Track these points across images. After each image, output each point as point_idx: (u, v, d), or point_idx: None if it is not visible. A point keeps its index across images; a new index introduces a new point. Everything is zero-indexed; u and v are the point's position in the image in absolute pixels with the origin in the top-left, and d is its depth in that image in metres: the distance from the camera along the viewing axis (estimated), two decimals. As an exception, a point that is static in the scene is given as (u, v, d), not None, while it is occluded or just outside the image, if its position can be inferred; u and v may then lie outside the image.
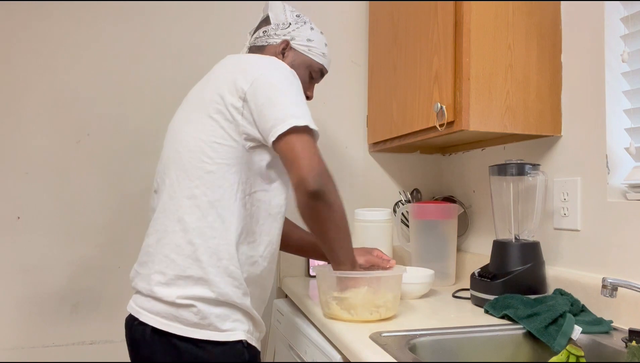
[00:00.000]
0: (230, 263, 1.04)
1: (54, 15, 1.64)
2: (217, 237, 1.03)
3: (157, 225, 1.10)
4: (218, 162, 1.05)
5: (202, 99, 1.11)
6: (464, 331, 1.06)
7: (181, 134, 1.12)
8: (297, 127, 1.01)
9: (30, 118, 1.62)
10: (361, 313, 1.10)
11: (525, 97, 1.31)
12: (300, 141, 1.00)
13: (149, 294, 1.05)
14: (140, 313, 1.05)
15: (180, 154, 1.09)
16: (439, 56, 1.36)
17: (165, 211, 1.09)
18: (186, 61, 1.74)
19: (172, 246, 1.05)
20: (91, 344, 1.63)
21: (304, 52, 1.28)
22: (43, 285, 1.60)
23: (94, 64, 1.67)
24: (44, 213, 1.61)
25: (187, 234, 1.04)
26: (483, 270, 1.32)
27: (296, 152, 1.00)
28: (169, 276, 1.03)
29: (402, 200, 1.82)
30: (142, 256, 1.12)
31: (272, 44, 1.27)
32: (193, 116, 1.11)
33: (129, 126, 1.69)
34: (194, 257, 1.03)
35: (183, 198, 1.06)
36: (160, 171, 1.16)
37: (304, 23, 1.30)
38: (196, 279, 1.02)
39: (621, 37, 1.21)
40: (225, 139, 1.05)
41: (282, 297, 1.70)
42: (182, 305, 1.01)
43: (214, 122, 1.06)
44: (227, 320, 1.03)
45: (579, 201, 1.26)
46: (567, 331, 1.03)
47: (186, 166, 1.07)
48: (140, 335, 1.06)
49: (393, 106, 1.63)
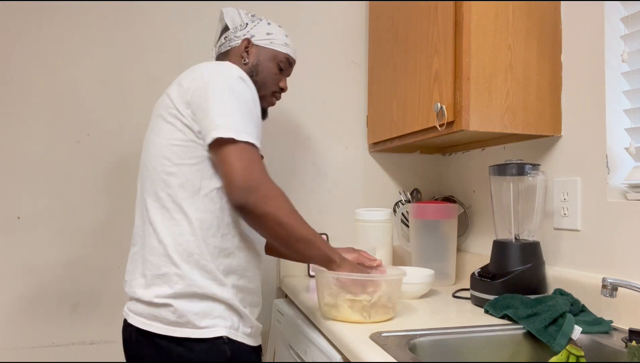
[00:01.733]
0: (201, 257, 1.07)
1: (54, 16, 1.64)
2: (185, 234, 1.07)
3: (137, 232, 1.15)
4: (177, 163, 1.09)
5: (161, 105, 1.16)
6: (464, 331, 1.06)
7: (148, 141, 1.17)
8: (221, 139, 1.03)
9: (30, 118, 1.62)
10: (374, 315, 1.10)
11: (525, 97, 1.31)
12: (223, 153, 1.03)
13: (132, 297, 1.11)
14: (128, 315, 1.11)
15: (145, 160, 1.16)
16: (439, 56, 1.36)
17: (141, 217, 1.14)
18: (186, 61, 1.74)
19: (149, 249, 1.09)
20: (91, 344, 1.63)
21: (266, 45, 1.31)
22: (43, 285, 1.60)
23: (94, 64, 1.67)
24: (44, 213, 1.61)
25: (158, 235, 1.08)
26: (483, 270, 1.32)
27: (221, 165, 1.04)
28: (148, 277, 1.08)
29: (402, 200, 1.82)
30: (128, 264, 1.17)
31: (234, 46, 1.32)
32: (156, 124, 1.15)
33: (129, 126, 1.69)
34: (166, 255, 1.07)
35: (151, 202, 1.11)
36: (138, 179, 1.22)
37: (260, 20, 1.34)
38: (171, 275, 1.06)
39: (621, 37, 1.21)
40: (183, 140, 1.09)
41: (282, 297, 1.70)
42: (159, 304, 1.05)
43: (170, 126, 1.11)
44: (207, 317, 1.06)
45: (579, 201, 1.26)
46: (567, 331, 1.03)
47: (150, 172, 1.13)
48: (128, 335, 1.11)
49: (393, 106, 1.64)
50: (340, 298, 1.10)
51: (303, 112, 1.83)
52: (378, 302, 1.10)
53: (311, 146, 1.84)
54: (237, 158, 1.02)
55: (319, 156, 1.84)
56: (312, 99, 1.84)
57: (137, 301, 1.09)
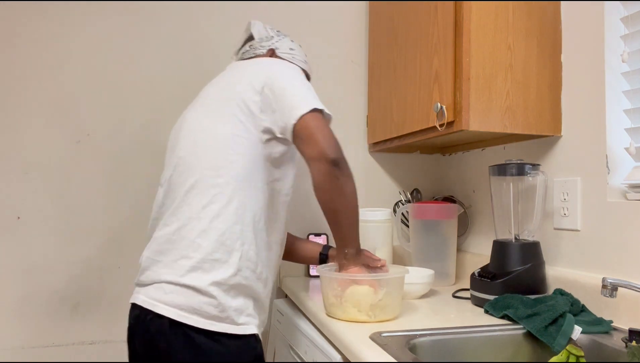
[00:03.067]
0: (250, 248, 1.10)
1: (54, 15, 1.64)
2: (240, 223, 1.10)
3: (178, 214, 1.12)
4: (239, 152, 1.12)
5: (221, 97, 1.19)
6: (464, 331, 1.06)
7: (201, 131, 1.17)
8: (315, 110, 1.11)
9: (30, 118, 1.62)
10: (379, 314, 1.10)
11: (525, 97, 1.31)
12: (317, 121, 1.10)
13: (175, 282, 1.06)
14: (157, 305, 1.06)
15: (201, 147, 1.15)
16: (439, 56, 1.36)
17: (187, 200, 1.12)
18: (186, 61, 1.74)
19: (198, 232, 1.09)
20: (91, 344, 1.63)
21: (289, 59, 1.37)
22: (43, 285, 1.60)
23: (94, 64, 1.67)
24: (44, 213, 1.61)
25: (213, 220, 1.09)
26: (483, 270, 1.32)
27: (314, 129, 1.09)
28: (196, 259, 1.07)
29: (402, 200, 1.82)
30: (162, 244, 1.12)
31: (258, 54, 1.36)
32: (212, 113, 1.18)
33: (129, 126, 1.69)
34: (220, 241, 1.08)
35: (208, 188, 1.11)
36: (173, 165, 1.19)
37: (284, 36, 1.41)
38: (222, 262, 1.07)
39: (621, 37, 1.21)
40: (244, 132, 1.13)
41: (282, 297, 1.70)
42: (207, 294, 1.04)
43: (233, 117, 1.14)
44: (242, 313, 1.08)
45: (579, 201, 1.26)
46: (567, 331, 1.03)
47: (209, 159, 1.13)
48: (156, 327, 1.06)
49: (393, 106, 1.63)
50: (344, 298, 1.11)
51: (303, 112, 1.83)
52: (383, 301, 1.10)
53: (311, 146, 1.83)
54: (328, 127, 1.12)
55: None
56: (312, 99, 1.83)
57: (179, 285, 1.05)
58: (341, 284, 1.11)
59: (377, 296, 1.10)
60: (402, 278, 1.14)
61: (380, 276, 1.13)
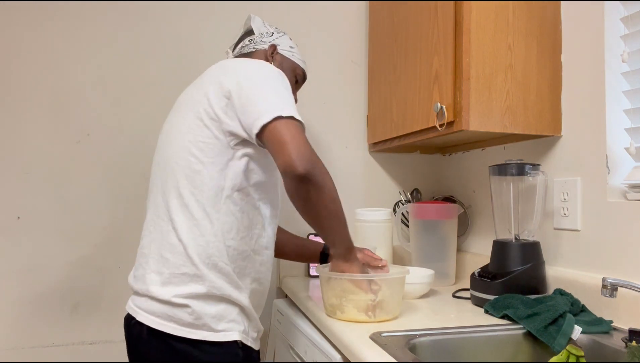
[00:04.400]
0: (219, 259, 1.06)
1: (54, 16, 1.64)
2: (206, 234, 1.05)
3: (150, 227, 1.13)
4: (203, 161, 1.07)
5: (190, 101, 1.14)
6: (464, 331, 1.06)
7: (171, 136, 1.14)
8: (281, 117, 1.01)
9: (30, 118, 1.62)
10: (379, 314, 1.10)
11: (525, 97, 1.31)
12: (285, 128, 1.00)
13: (145, 294, 1.07)
14: (138, 312, 1.07)
15: (168, 155, 1.12)
16: (439, 56, 1.36)
17: (157, 212, 1.12)
18: (186, 62, 1.74)
19: (167, 246, 1.07)
20: (91, 344, 1.63)
21: (289, 56, 1.37)
22: (43, 285, 1.60)
23: (94, 64, 1.67)
24: (44, 213, 1.61)
25: (178, 233, 1.06)
26: (483, 270, 1.32)
27: (282, 138, 1.00)
28: (165, 275, 1.05)
29: (402, 200, 1.82)
30: (138, 258, 1.14)
31: (259, 49, 1.35)
32: (181, 117, 1.13)
33: (129, 126, 1.69)
34: (186, 255, 1.05)
35: (172, 198, 1.08)
36: (153, 173, 1.19)
37: (283, 33, 1.40)
38: (190, 276, 1.04)
39: (621, 37, 1.21)
40: (210, 138, 1.07)
41: (282, 297, 1.70)
42: (177, 304, 1.03)
43: (199, 122, 1.08)
44: (222, 320, 1.05)
45: (579, 201, 1.26)
46: (567, 331, 1.03)
47: (173, 167, 1.10)
48: (137, 334, 1.08)
49: (393, 106, 1.63)
50: (345, 298, 1.10)
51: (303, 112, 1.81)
52: (383, 301, 1.10)
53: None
54: (298, 134, 1.01)
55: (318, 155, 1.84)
56: (312, 99, 1.83)
57: (151, 298, 1.06)
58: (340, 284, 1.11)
59: (376, 296, 1.09)
60: (402, 278, 1.14)
61: (379, 276, 1.13)
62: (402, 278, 1.14)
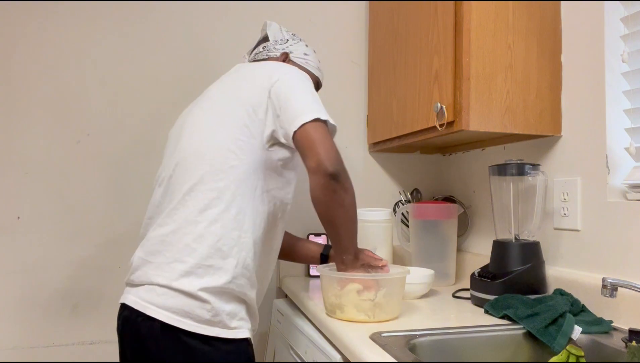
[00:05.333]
0: (247, 255, 1.09)
1: (54, 15, 1.64)
2: (238, 229, 1.08)
3: (174, 215, 1.10)
4: (241, 158, 1.10)
5: (226, 98, 1.17)
6: (464, 331, 1.06)
7: (203, 132, 1.16)
8: (318, 119, 1.08)
9: (30, 118, 1.62)
10: (379, 314, 1.10)
11: (525, 97, 1.31)
12: (318, 131, 1.07)
13: (166, 285, 1.04)
14: (148, 307, 1.04)
15: (203, 150, 1.13)
16: (439, 56, 1.36)
17: (185, 203, 1.10)
18: (186, 61, 1.74)
19: (194, 236, 1.06)
20: (91, 344, 1.63)
21: (302, 64, 1.36)
22: (43, 285, 1.60)
23: (94, 64, 1.67)
24: (44, 213, 1.61)
25: (211, 225, 1.07)
26: (483, 270, 1.32)
27: (315, 140, 1.06)
28: (189, 264, 1.05)
29: (402, 200, 1.82)
30: (155, 245, 1.10)
31: (272, 57, 1.35)
32: (216, 114, 1.16)
33: (129, 126, 1.69)
34: (216, 247, 1.06)
35: (207, 191, 1.09)
36: (173, 166, 1.17)
37: (299, 40, 1.40)
38: (216, 268, 1.05)
39: (621, 37, 1.21)
40: (248, 136, 1.11)
41: (282, 297, 1.70)
42: (199, 298, 1.03)
43: (238, 121, 1.12)
44: (235, 317, 1.07)
45: (579, 201, 1.26)
46: (567, 331, 1.03)
47: (210, 161, 1.11)
48: (146, 330, 1.04)
49: (393, 106, 1.63)
50: (344, 298, 1.11)
51: (303, 112, 1.83)
52: (382, 301, 1.10)
53: (311, 146, 1.83)
54: (330, 137, 1.09)
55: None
56: (312, 99, 1.83)
57: (171, 289, 1.03)
58: (340, 284, 1.11)
59: (375, 296, 1.10)
60: (402, 278, 1.14)
61: (379, 276, 1.13)
62: (401, 279, 1.14)
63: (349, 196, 1.09)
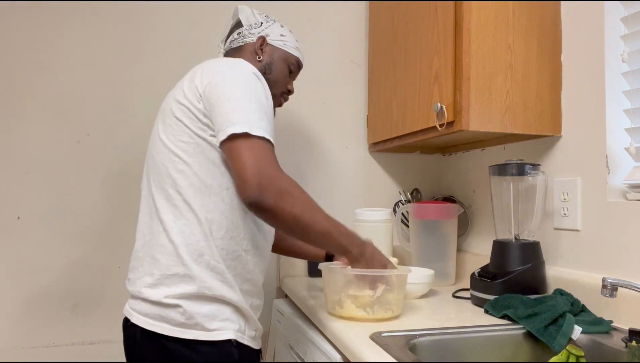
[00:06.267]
0: (211, 258, 1.05)
1: (54, 16, 1.64)
2: (196, 234, 1.05)
3: (143, 229, 1.13)
4: (187, 161, 1.06)
5: (170, 102, 1.14)
6: (464, 331, 1.06)
7: (156, 138, 1.14)
8: (235, 135, 0.99)
9: (30, 118, 1.62)
10: (378, 311, 1.10)
11: (525, 97, 1.31)
12: (235, 149, 0.99)
13: (138, 296, 1.08)
14: (132, 314, 1.08)
15: (153, 157, 1.13)
16: (439, 56, 1.36)
17: (149, 214, 1.12)
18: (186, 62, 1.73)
19: (157, 247, 1.07)
20: (91, 344, 1.63)
21: (280, 46, 1.32)
22: (43, 285, 1.60)
23: (94, 64, 1.67)
24: (44, 213, 1.61)
25: (168, 234, 1.06)
26: (483, 270, 1.32)
27: (233, 161, 0.99)
28: (156, 276, 1.05)
29: (402, 200, 1.82)
30: (132, 261, 1.14)
31: (248, 42, 1.31)
32: (164, 121, 1.13)
33: (129, 126, 1.69)
34: (176, 255, 1.04)
35: (160, 199, 1.08)
36: (143, 176, 1.19)
37: (274, 21, 1.34)
38: (181, 276, 1.04)
39: (621, 37, 1.21)
40: (192, 137, 1.06)
41: (282, 297, 1.70)
42: (168, 304, 1.03)
43: (179, 123, 1.08)
44: (215, 319, 1.04)
45: (579, 201, 1.26)
46: (567, 331, 1.03)
47: (159, 168, 1.10)
48: (132, 336, 1.08)
49: (393, 106, 1.63)
50: (343, 294, 1.11)
51: (303, 112, 1.83)
52: (381, 298, 1.10)
53: (311, 146, 1.84)
54: (249, 154, 0.98)
55: (319, 156, 1.84)
56: (312, 99, 1.84)
57: (143, 300, 1.06)
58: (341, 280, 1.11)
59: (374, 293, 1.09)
60: (403, 276, 1.14)
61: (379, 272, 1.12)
62: (402, 276, 1.14)
63: (287, 216, 0.98)
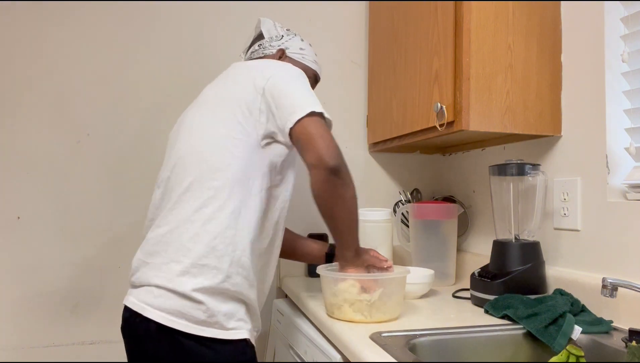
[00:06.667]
0: (243, 254, 1.07)
1: (54, 16, 1.64)
2: (234, 228, 1.07)
3: (171, 216, 1.10)
4: (237, 156, 1.10)
5: (221, 98, 1.17)
6: (464, 331, 1.06)
7: (199, 131, 1.15)
8: (314, 113, 1.08)
9: (30, 118, 1.62)
10: (375, 314, 1.10)
11: (525, 97, 1.31)
12: (316, 125, 1.07)
13: (163, 286, 1.04)
14: (145, 309, 1.05)
15: (199, 149, 1.13)
16: (439, 56, 1.36)
17: (181, 202, 1.10)
18: (186, 62, 1.75)
19: (190, 235, 1.06)
20: (91, 344, 1.63)
21: (299, 59, 1.36)
22: (43, 285, 1.60)
23: (94, 64, 1.67)
24: (44, 213, 1.61)
25: (206, 224, 1.06)
26: (483, 270, 1.32)
27: (314, 134, 1.06)
28: (185, 264, 1.04)
29: (402, 200, 1.82)
30: (153, 245, 1.10)
31: (268, 54, 1.35)
32: (211, 113, 1.16)
33: (129, 126, 1.69)
34: (211, 246, 1.05)
35: (203, 190, 1.08)
36: (171, 166, 1.17)
37: (294, 35, 1.40)
38: (210, 267, 1.04)
39: (621, 37, 1.21)
40: (244, 134, 1.11)
41: (282, 297, 1.70)
42: (193, 299, 1.02)
43: (233, 119, 1.12)
44: (232, 318, 1.05)
45: (579, 201, 1.26)
46: (567, 331, 1.03)
47: (206, 160, 1.11)
48: (143, 330, 1.05)
49: (393, 106, 1.63)
50: (341, 297, 1.11)
51: (303, 112, 1.83)
52: (378, 302, 1.10)
53: (311, 146, 1.83)
54: (325, 130, 1.07)
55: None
56: (312, 99, 1.83)
57: (168, 291, 1.03)
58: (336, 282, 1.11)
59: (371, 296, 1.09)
60: (401, 279, 1.14)
61: (375, 276, 1.12)
62: (400, 279, 1.14)
63: (350, 190, 1.08)
